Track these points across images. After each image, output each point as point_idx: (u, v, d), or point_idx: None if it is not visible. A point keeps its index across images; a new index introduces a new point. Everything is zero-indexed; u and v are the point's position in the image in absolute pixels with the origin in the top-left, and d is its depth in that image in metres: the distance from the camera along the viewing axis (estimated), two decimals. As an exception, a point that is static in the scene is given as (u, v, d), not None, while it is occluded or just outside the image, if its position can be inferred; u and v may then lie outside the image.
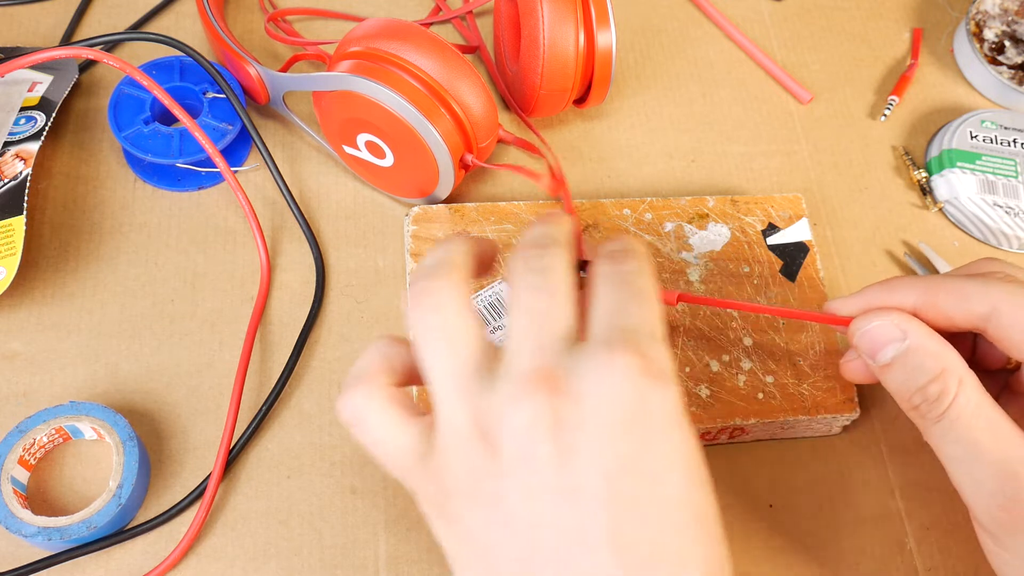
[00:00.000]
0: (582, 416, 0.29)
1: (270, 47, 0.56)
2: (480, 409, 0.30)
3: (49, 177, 0.49)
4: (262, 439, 0.44)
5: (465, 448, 0.30)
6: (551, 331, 0.31)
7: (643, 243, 0.38)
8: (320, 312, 0.47)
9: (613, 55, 0.49)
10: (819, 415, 0.45)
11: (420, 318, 0.31)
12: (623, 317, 0.31)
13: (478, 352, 0.31)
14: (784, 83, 0.58)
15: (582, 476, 0.28)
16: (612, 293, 0.32)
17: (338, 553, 0.41)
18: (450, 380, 0.30)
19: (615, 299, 0.31)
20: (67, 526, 0.39)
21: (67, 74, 0.50)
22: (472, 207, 0.48)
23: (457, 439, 0.30)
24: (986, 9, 0.61)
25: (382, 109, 0.44)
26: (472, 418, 0.30)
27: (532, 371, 0.29)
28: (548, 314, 0.31)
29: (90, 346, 0.45)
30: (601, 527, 0.28)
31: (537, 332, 0.31)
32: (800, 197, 0.51)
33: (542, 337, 0.30)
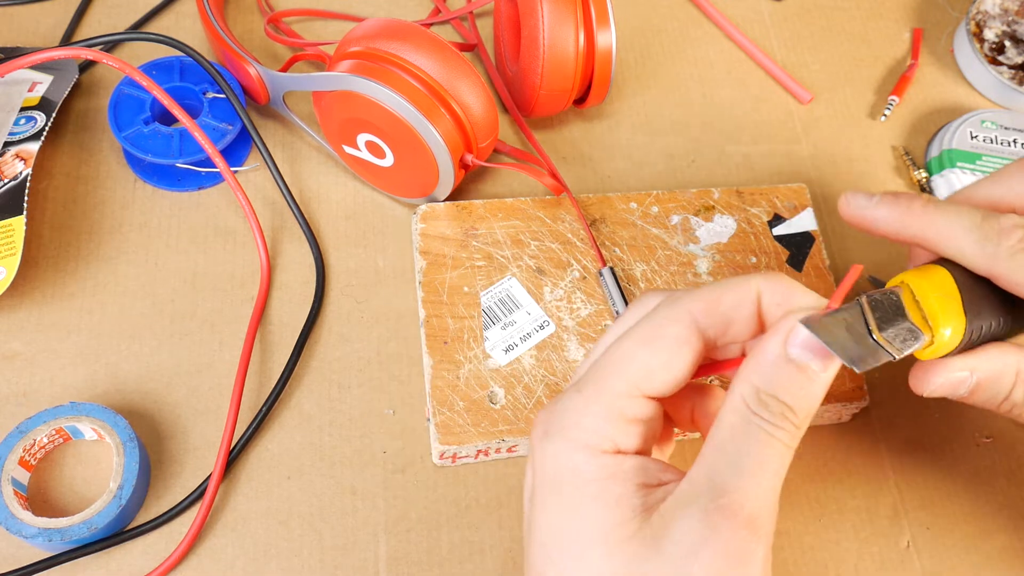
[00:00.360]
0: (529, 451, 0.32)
1: (270, 47, 0.55)
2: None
3: (49, 177, 0.49)
4: (262, 439, 0.44)
5: None
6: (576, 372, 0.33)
7: (737, 281, 0.32)
8: (320, 312, 0.47)
9: (613, 55, 0.49)
10: (828, 403, 0.45)
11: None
12: (592, 363, 0.32)
13: None
14: (784, 83, 0.58)
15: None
16: (613, 337, 0.32)
17: (338, 554, 0.41)
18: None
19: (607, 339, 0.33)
20: (67, 527, 0.39)
21: (67, 74, 0.50)
22: (479, 204, 0.48)
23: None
24: (986, 9, 0.61)
25: (382, 109, 0.44)
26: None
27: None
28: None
29: (90, 346, 0.45)
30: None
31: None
32: (804, 187, 0.51)
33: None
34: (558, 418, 0.30)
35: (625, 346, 0.31)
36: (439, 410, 0.43)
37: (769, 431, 0.29)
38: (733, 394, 0.30)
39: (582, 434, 0.30)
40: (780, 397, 0.29)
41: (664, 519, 0.28)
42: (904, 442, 0.47)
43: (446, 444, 0.42)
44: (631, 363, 0.30)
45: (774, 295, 0.31)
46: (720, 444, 0.29)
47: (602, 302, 0.47)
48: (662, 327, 0.30)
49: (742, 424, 0.29)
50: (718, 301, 0.31)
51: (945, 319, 0.32)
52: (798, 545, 0.44)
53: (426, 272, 0.46)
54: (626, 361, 0.30)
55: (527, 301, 0.46)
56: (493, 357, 0.45)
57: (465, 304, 0.46)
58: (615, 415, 0.30)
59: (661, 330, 0.30)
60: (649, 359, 0.30)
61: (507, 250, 0.47)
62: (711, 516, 0.28)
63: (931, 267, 0.34)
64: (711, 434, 0.30)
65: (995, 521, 0.45)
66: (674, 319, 0.31)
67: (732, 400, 0.30)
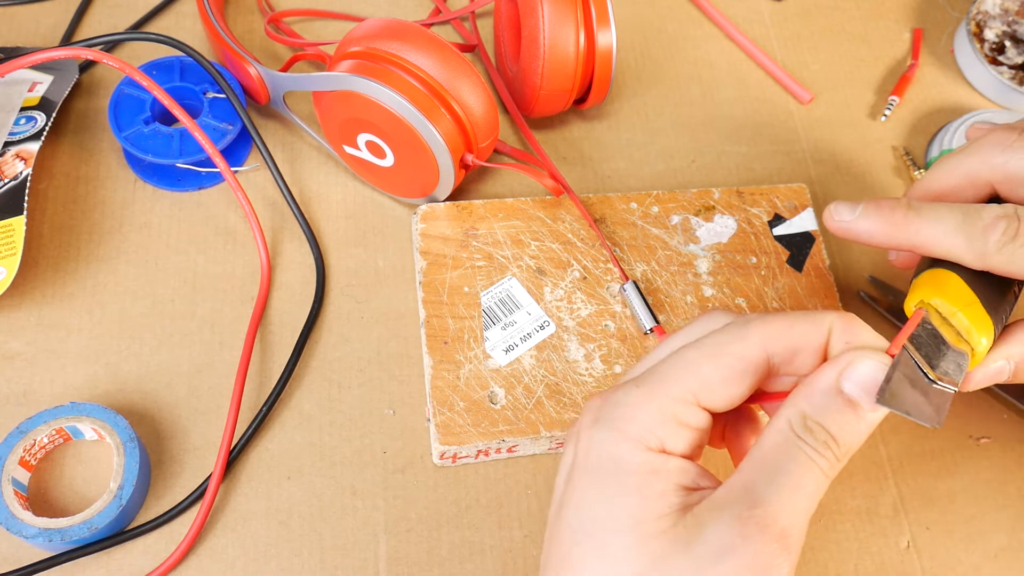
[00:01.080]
0: (569, 435, 0.33)
1: (270, 47, 0.55)
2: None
3: (49, 177, 0.49)
4: (262, 439, 0.44)
5: None
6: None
7: (813, 316, 0.32)
8: (320, 312, 0.47)
9: (613, 55, 0.49)
10: None
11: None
12: (653, 364, 0.33)
13: None
14: (784, 83, 0.58)
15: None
16: (683, 342, 0.33)
17: (338, 554, 0.41)
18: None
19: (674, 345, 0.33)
20: (68, 527, 0.39)
21: (67, 74, 0.50)
22: (480, 204, 0.48)
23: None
24: (986, 9, 0.61)
25: (382, 109, 0.44)
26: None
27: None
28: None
29: (90, 346, 0.45)
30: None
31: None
32: (804, 187, 0.51)
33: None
34: (612, 408, 0.31)
35: (690, 355, 0.31)
36: (439, 410, 0.43)
37: (811, 455, 0.30)
38: (780, 417, 0.30)
39: (633, 427, 0.30)
40: (826, 426, 0.30)
41: (697, 520, 0.29)
42: (904, 442, 0.47)
43: (446, 444, 0.42)
44: (694, 372, 0.31)
45: (844, 333, 0.31)
46: (760, 459, 0.30)
47: (602, 302, 0.47)
48: (731, 344, 0.31)
49: (785, 444, 0.30)
50: (789, 330, 0.32)
51: (979, 330, 0.33)
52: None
53: (426, 272, 0.46)
54: (689, 369, 0.31)
55: (527, 301, 0.46)
56: (493, 357, 0.45)
57: (465, 304, 0.46)
58: (669, 416, 0.30)
59: (729, 347, 0.31)
60: (712, 372, 0.31)
61: (507, 250, 0.47)
62: (744, 524, 0.28)
63: (939, 273, 0.35)
64: (753, 450, 0.30)
65: (995, 521, 0.45)
66: (743, 339, 0.31)
67: (778, 422, 0.30)
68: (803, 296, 0.48)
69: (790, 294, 0.48)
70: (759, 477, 0.29)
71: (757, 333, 0.31)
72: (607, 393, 0.32)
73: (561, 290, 0.47)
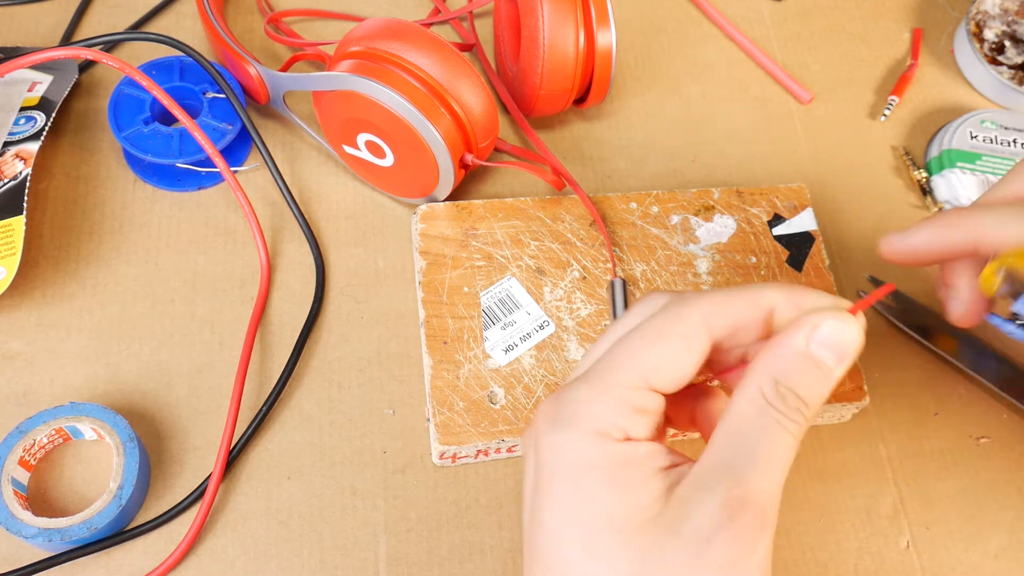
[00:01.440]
0: (525, 442, 0.32)
1: (270, 47, 0.55)
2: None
3: (49, 177, 0.49)
4: (262, 439, 0.44)
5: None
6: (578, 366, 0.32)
7: (755, 287, 0.32)
8: (320, 312, 0.47)
9: (613, 55, 0.49)
10: (828, 403, 0.45)
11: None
12: (598, 358, 0.32)
13: None
14: (784, 83, 0.58)
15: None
16: (621, 332, 0.32)
17: (338, 554, 0.41)
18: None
19: (615, 340, 0.32)
20: (67, 527, 0.39)
21: (67, 74, 0.50)
22: (479, 204, 0.48)
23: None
24: (986, 9, 0.61)
25: (382, 109, 0.44)
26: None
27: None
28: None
29: (90, 346, 0.45)
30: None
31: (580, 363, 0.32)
32: (804, 187, 0.51)
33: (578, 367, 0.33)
34: (567, 408, 0.30)
35: (634, 341, 0.31)
36: (439, 410, 0.43)
37: (783, 423, 0.30)
38: (748, 386, 0.30)
39: (594, 422, 0.30)
40: (797, 391, 0.30)
41: (682, 504, 0.29)
42: (904, 442, 0.47)
43: (446, 444, 0.42)
44: (641, 357, 0.30)
45: (790, 300, 0.31)
46: (734, 432, 0.30)
47: (602, 302, 0.47)
48: (672, 324, 0.31)
49: (757, 415, 0.30)
50: (728, 303, 0.31)
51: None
52: (798, 545, 0.44)
53: (426, 272, 0.46)
54: (636, 355, 0.31)
55: (527, 301, 0.46)
56: (493, 357, 0.45)
57: (465, 304, 0.46)
58: (625, 405, 0.30)
59: (671, 327, 0.31)
60: (659, 354, 0.31)
61: (507, 250, 0.47)
62: (730, 504, 0.28)
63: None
64: (723, 422, 0.30)
65: (995, 521, 0.45)
66: (684, 318, 0.31)
67: (747, 390, 0.30)
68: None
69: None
70: (736, 452, 0.29)
71: (696, 311, 0.31)
72: (557, 394, 0.31)
73: (561, 290, 0.47)
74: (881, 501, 0.45)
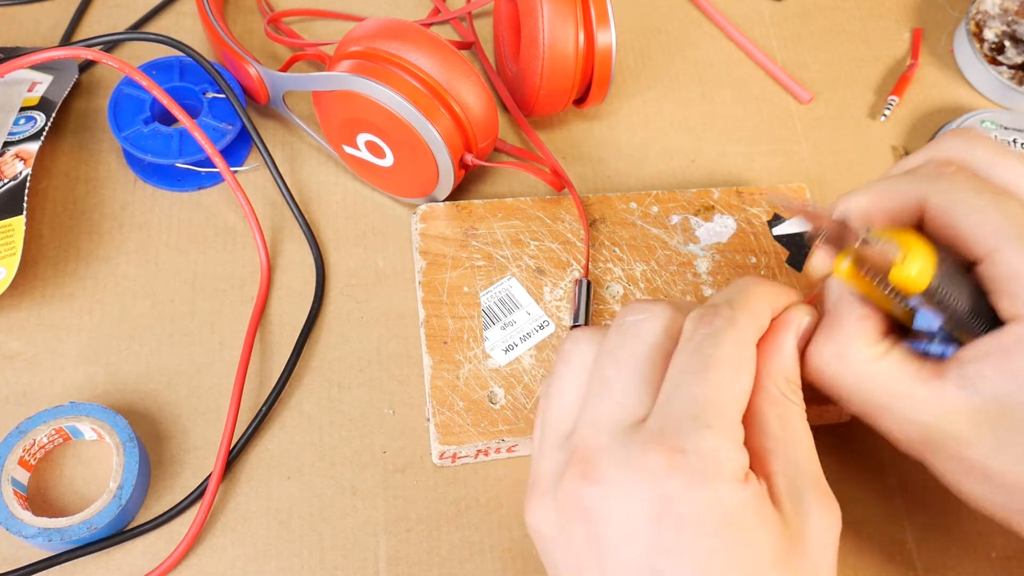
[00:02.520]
0: (606, 510, 0.29)
1: (270, 47, 0.55)
2: (545, 471, 0.33)
3: (49, 177, 0.49)
4: (262, 439, 0.44)
5: (537, 500, 0.33)
6: (614, 408, 0.32)
7: (754, 288, 0.35)
8: (320, 312, 0.47)
9: (613, 55, 0.49)
10: (829, 403, 0.45)
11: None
12: (676, 400, 0.31)
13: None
14: (784, 83, 0.58)
15: (603, 568, 0.29)
16: (677, 366, 0.32)
17: (338, 554, 0.41)
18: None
19: (677, 375, 0.31)
20: (67, 527, 0.39)
21: (67, 74, 0.50)
22: (479, 204, 0.48)
23: (537, 489, 0.33)
24: (986, 9, 0.61)
25: (382, 109, 0.44)
26: (544, 475, 0.33)
27: (583, 451, 0.31)
28: (612, 390, 0.32)
29: (90, 346, 0.45)
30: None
31: (603, 407, 0.32)
32: (804, 187, 0.51)
33: (603, 414, 0.32)
34: (705, 460, 0.29)
35: (727, 375, 0.31)
36: (439, 410, 0.43)
37: (801, 414, 0.33)
38: (770, 389, 0.33)
39: (737, 469, 0.30)
40: (796, 380, 0.34)
41: (799, 518, 0.30)
42: (904, 442, 0.47)
43: (446, 444, 0.42)
44: (739, 392, 0.32)
45: (778, 301, 0.36)
46: (781, 435, 0.32)
47: (601, 302, 0.47)
48: (744, 351, 0.32)
49: (788, 413, 0.32)
50: (760, 314, 0.34)
51: (916, 249, 0.32)
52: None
53: (426, 272, 0.46)
54: (735, 391, 0.31)
55: (527, 301, 0.46)
56: (493, 357, 0.45)
57: (465, 304, 0.46)
58: (740, 442, 0.31)
59: (744, 353, 0.32)
60: (747, 383, 0.32)
61: (507, 250, 0.47)
62: (823, 503, 0.31)
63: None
64: (768, 430, 0.32)
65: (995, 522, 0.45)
66: (747, 342, 0.33)
67: (772, 394, 0.33)
68: (802, 296, 0.48)
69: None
70: (795, 453, 0.32)
71: (754, 327, 0.34)
72: (669, 447, 0.29)
73: (561, 290, 0.47)
74: (881, 501, 0.45)
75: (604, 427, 0.31)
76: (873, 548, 0.44)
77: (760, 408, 0.32)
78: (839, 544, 0.32)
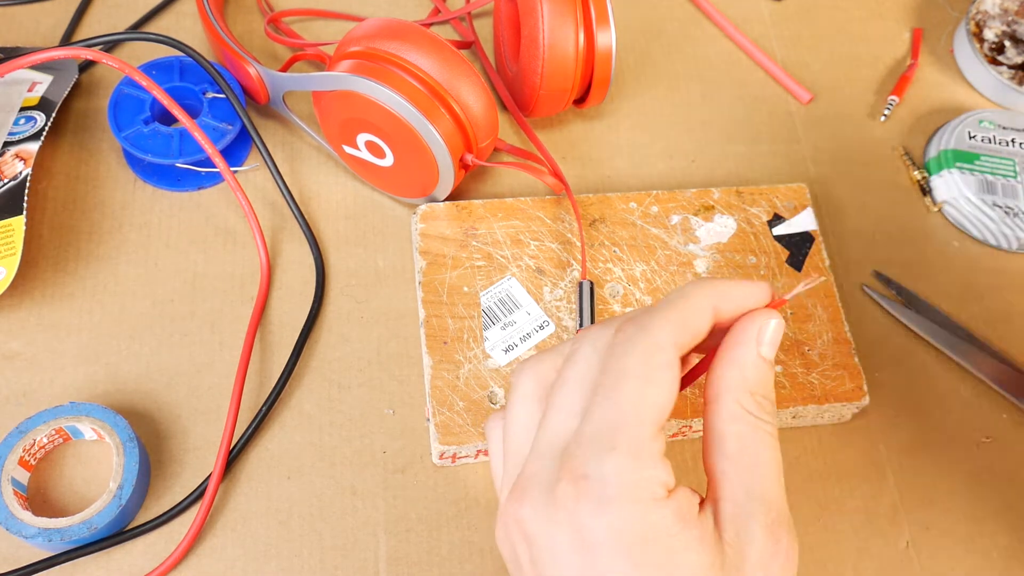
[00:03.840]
0: (538, 537, 0.30)
1: (270, 47, 0.55)
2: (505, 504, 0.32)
3: (49, 177, 0.49)
4: (262, 439, 0.44)
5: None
6: (550, 435, 0.31)
7: (690, 288, 0.32)
8: (320, 312, 0.47)
9: (613, 55, 0.49)
10: (828, 403, 0.45)
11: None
12: (587, 423, 0.30)
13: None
14: (784, 83, 0.58)
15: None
16: (596, 384, 0.30)
17: (338, 554, 0.41)
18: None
19: (592, 395, 0.30)
20: (67, 527, 0.39)
21: (67, 74, 0.50)
22: (479, 204, 0.48)
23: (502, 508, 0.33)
24: (986, 9, 0.61)
25: (382, 109, 0.44)
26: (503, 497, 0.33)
27: (520, 477, 0.31)
28: (557, 413, 0.31)
29: (90, 346, 0.45)
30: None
31: (543, 434, 0.31)
32: (804, 187, 0.51)
33: (542, 441, 0.31)
34: (607, 485, 0.29)
35: (632, 388, 0.30)
36: (439, 410, 0.43)
37: (769, 431, 0.31)
38: (728, 404, 0.31)
39: (644, 491, 0.29)
40: (768, 395, 0.31)
41: (738, 547, 0.29)
42: (904, 442, 0.47)
43: (446, 444, 0.42)
44: (648, 404, 0.30)
45: (727, 300, 0.32)
46: (738, 456, 0.30)
47: (601, 302, 0.47)
48: (652, 358, 0.30)
49: (751, 432, 0.30)
50: (686, 319, 0.31)
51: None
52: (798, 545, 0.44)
53: (426, 272, 0.46)
54: (643, 404, 0.30)
55: (527, 301, 0.46)
56: (493, 357, 0.45)
57: (465, 304, 0.46)
58: (656, 458, 0.29)
59: (654, 361, 0.30)
60: (659, 394, 0.30)
61: (507, 250, 0.47)
62: (772, 531, 0.29)
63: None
64: (721, 448, 0.30)
65: (995, 521, 0.45)
66: (659, 347, 0.30)
67: (730, 409, 0.31)
68: (802, 296, 0.48)
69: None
70: (750, 476, 0.30)
71: (665, 334, 0.30)
72: (578, 474, 0.29)
73: (560, 290, 0.47)
74: (881, 501, 0.45)
75: (539, 454, 0.31)
76: (873, 548, 0.44)
77: (715, 425, 0.31)
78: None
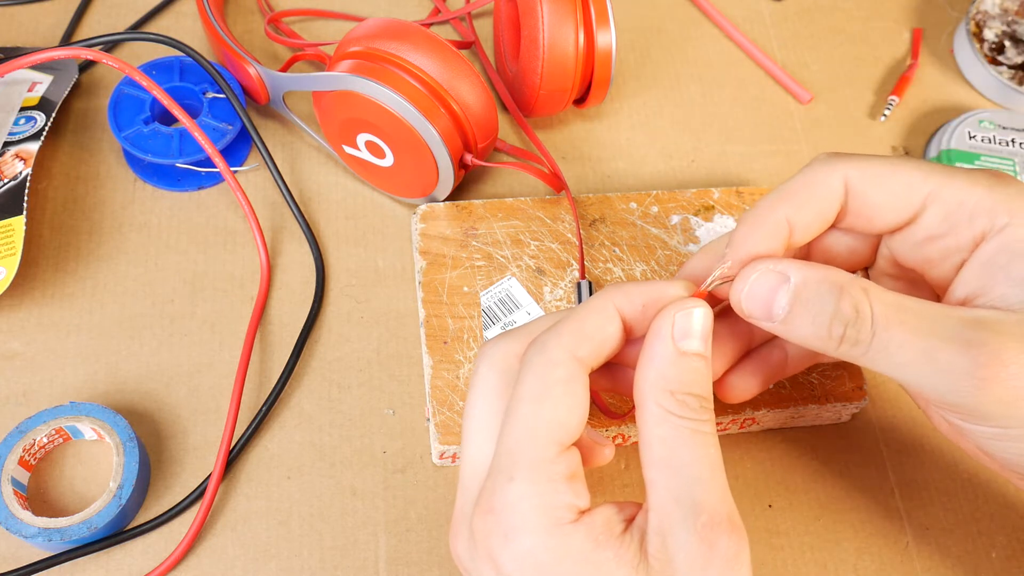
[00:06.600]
0: (474, 568, 0.30)
1: (270, 47, 0.55)
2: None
3: (49, 177, 0.49)
4: (262, 439, 0.44)
5: None
6: (470, 468, 0.31)
7: (594, 297, 0.31)
8: (320, 312, 0.47)
9: (613, 55, 0.49)
10: (828, 403, 0.45)
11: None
12: (496, 455, 0.29)
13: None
14: (784, 83, 0.58)
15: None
16: (489, 406, 0.30)
17: (338, 554, 0.41)
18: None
19: (495, 415, 0.30)
20: (67, 527, 0.39)
21: (67, 74, 0.50)
22: (479, 204, 0.48)
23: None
24: (986, 9, 0.61)
25: (382, 109, 0.44)
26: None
27: (454, 512, 0.31)
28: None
29: (90, 346, 0.45)
30: None
31: (464, 466, 0.31)
32: None
33: (465, 474, 0.31)
34: (508, 515, 0.28)
35: (526, 411, 0.29)
36: (439, 410, 0.43)
37: (697, 428, 0.29)
38: (648, 406, 0.29)
39: (545, 516, 0.28)
40: (693, 391, 0.29)
41: (664, 559, 0.27)
42: (904, 442, 0.47)
43: (446, 444, 0.42)
44: (544, 425, 0.28)
45: (630, 301, 0.30)
46: (663, 461, 0.28)
47: (602, 302, 0.47)
48: (547, 376, 0.29)
49: (673, 433, 0.29)
50: (584, 327, 0.30)
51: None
52: (798, 545, 0.44)
53: (426, 272, 0.46)
54: (538, 426, 0.28)
55: (527, 301, 0.46)
56: (493, 357, 0.44)
57: (465, 304, 0.46)
58: (558, 480, 0.28)
59: (549, 379, 0.29)
60: (555, 412, 0.29)
61: (507, 250, 0.47)
62: (704, 536, 0.27)
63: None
64: (646, 454, 0.29)
65: (995, 521, 0.45)
66: (552, 363, 0.29)
67: (650, 411, 0.29)
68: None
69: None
70: (677, 481, 0.28)
71: (562, 350, 0.29)
72: (487, 508, 0.29)
73: (561, 290, 0.47)
74: (881, 501, 0.45)
75: (464, 487, 0.30)
76: (873, 548, 0.44)
77: (641, 430, 0.29)
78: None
